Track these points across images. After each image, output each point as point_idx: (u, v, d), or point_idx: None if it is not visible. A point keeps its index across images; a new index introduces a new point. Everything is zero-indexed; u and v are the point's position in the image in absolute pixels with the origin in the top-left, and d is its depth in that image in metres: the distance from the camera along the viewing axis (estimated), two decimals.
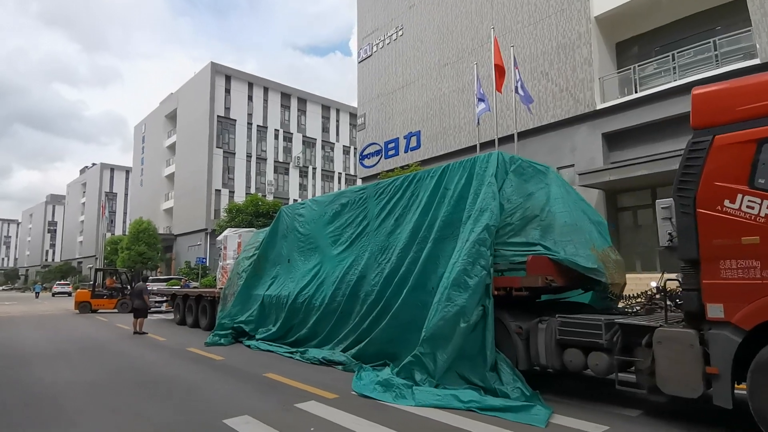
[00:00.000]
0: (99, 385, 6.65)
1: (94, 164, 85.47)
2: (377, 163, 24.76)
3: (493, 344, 5.52)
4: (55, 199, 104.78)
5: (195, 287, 32.60)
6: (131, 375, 7.37)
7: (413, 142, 22.72)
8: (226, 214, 27.39)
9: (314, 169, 55.30)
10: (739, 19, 14.19)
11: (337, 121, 58.57)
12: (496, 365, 5.50)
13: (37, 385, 6.80)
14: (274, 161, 51.80)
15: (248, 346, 9.90)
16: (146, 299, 12.65)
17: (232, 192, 48.04)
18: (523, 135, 17.68)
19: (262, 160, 50.90)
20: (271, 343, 9.66)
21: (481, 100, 15.89)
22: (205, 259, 29.22)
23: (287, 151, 53.29)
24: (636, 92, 15.15)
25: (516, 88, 13.95)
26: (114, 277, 22.90)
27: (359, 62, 26.86)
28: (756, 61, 12.67)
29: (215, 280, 35.88)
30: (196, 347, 10.10)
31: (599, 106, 15.89)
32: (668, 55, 14.74)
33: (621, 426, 4.60)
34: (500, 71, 15.08)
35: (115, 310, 20.79)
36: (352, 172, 59.03)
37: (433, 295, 6.17)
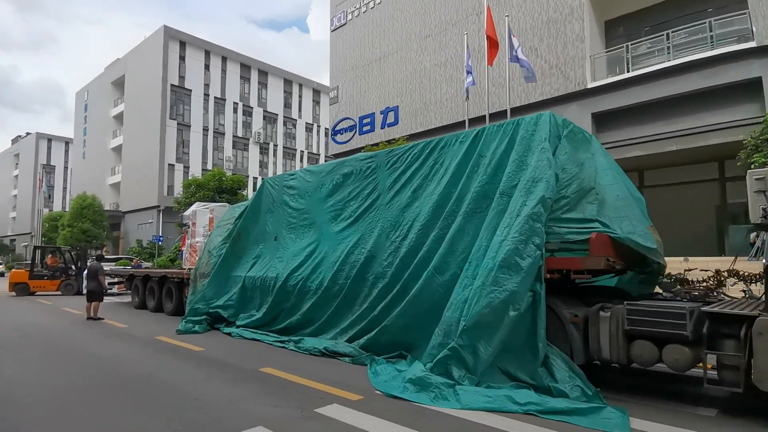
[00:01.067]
0: (62, 388, 5.38)
1: (28, 134, 78.38)
2: (351, 139, 23.58)
3: (544, 335, 4.77)
4: None
5: (146, 267, 30.41)
6: (100, 374, 6.10)
7: (390, 118, 21.68)
8: (183, 190, 25.37)
9: (275, 146, 53.01)
10: (730, 1, 14.06)
11: (300, 96, 56.28)
12: (547, 359, 4.77)
13: None
14: (233, 136, 49.14)
15: (228, 334, 8.76)
16: (102, 280, 11.11)
17: (186, 167, 45.15)
18: (511, 113, 17.07)
19: (219, 134, 48.12)
20: (255, 330, 8.57)
21: (469, 72, 15.05)
22: (162, 237, 27.04)
23: (247, 125, 50.66)
24: (628, 71, 14.81)
25: (515, 57, 13.17)
26: (56, 256, 20.63)
27: (332, 31, 25.31)
28: (752, 44, 12.54)
29: (174, 261, 33.67)
30: (167, 335, 8.84)
31: (590, 85, 15.48)
32: (662, 35, 14.44)
33: (707, 429, 3.99)
34: (492, 43, 14.28)
35: (58, 293, 18.77)
36: (314, 150, 57.26)
37: (458, 278, 5.38)
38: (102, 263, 11.56)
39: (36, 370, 6.32)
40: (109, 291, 18.72)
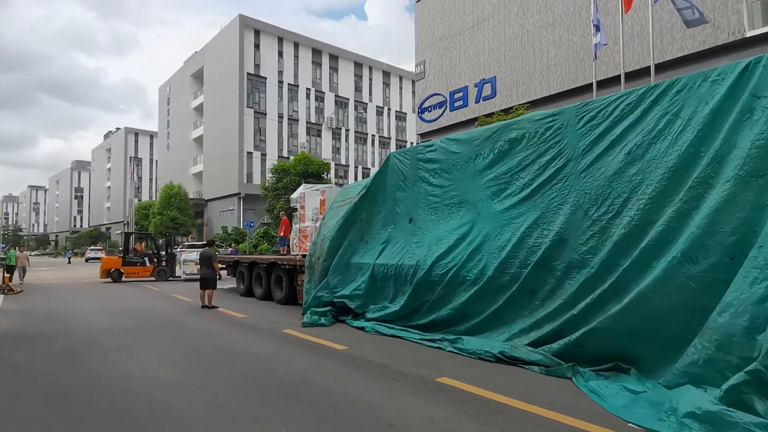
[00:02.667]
0: (220, 391, 4.55)
1: (118, 129, 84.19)
2: (440, 116, 22.06)
3: None
4: (80, 165, 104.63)
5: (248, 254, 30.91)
6: (249, 374, 5.25)
7: (487, 91, 19.89)
8: (271, 174, 25.16)
9: (347, 131, 52.60)
10: None
11: (370, 79, 55.33)
12: None
13: (125, 382, 4.78)
14: (306, 122, 49.25)
15: (361, 329, 7.75)
16: (216, 267, 10.60)
17: (263, 155, 45.90)
18: (632, 76, 14.75)
19: (293, 121, 48.39)
20: (391, 325, 7.49)
21: (597, 27, 12.96)
22: (252, 223, 27.25)
23: (319, 111, 50.59)
24: None
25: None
26: (144, 243, 20.92)
27: (417, 1, 23.72)
28: None
29: (257, 247, 34.16)
30: (293, 328, 8.00)
31: (749, 34, 12.84)
32: None
33: None
34: None
35: (151, 278, 19.03)
36: (385, 134, 56.30)
37: (721, 268, 3.86)
38: (214, 249, 11.04)
39: (180, 367, 5.60)
40: (192, 276, 19.10)
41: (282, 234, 15.62)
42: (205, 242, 40.70)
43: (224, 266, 14.90)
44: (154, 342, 7.16)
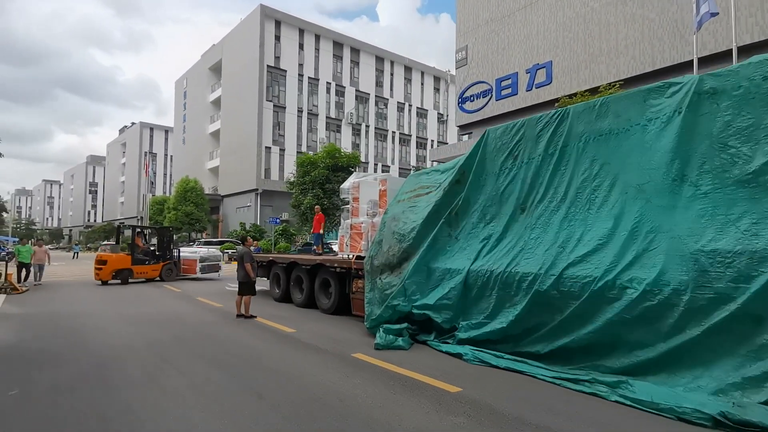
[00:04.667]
0: None
1: (133, 123, 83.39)
2: (485, 105, 20.19)
3: None
4: (95, 160, 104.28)
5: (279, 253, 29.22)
6: (334, 421, 3.47)
7: (541, 77, 17.98)
8: (297, 168, 23.44)
9: (367, 126, 50.85)
10: None
11: (392, 74, 53.56)
12: None
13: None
14: (326, 117, 47.60)
15: (457, 355, 5.92)
16: (250, 269, 8.84)
17: (282, 150, 44.37)
18: (739, 52, 12.77)
19: (313, 115, 46.79)
20: (499, 353, 5.67)
21: None
22: (279, 219, 25.49)
23: (339, 106, 48.95)
24: None
25: None
26: (143, 237, 17.52)
27: None
28: None
29: (276, 245, 32.51)
30: (364, 351, 6.22)
31: None
32: None
33: None
34: None
35: (157, 278, 16.60)
36: (406, 131, 54.49)
37: None
38: (250, 246, 9.27)
39: (241, 418, 3.80)
40: (208, 275, 17.46)
41: (314, 230, 13.89)
42: (221, 239, 39.37)
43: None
44: (192, 369, 5.40)
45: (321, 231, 13.55)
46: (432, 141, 57.11)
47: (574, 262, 5.11)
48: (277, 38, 44.27)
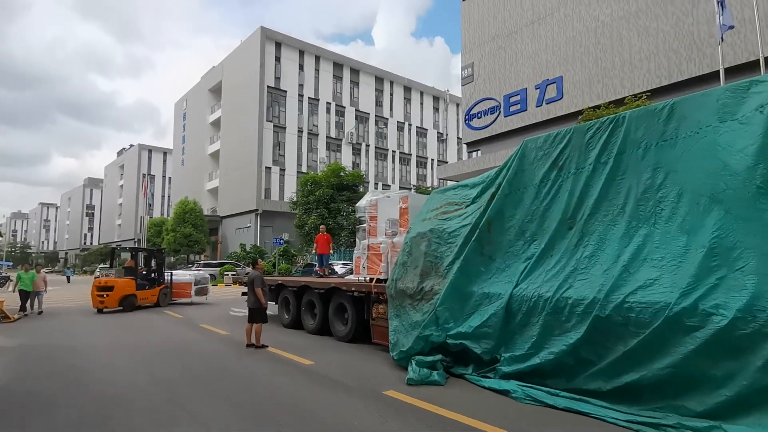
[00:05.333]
0: None
1: (132, 146, 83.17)
2: (492, 122, 19.84)
3: None
4: (92, 183, 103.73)
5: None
6: None
7: (551, 92, 17.67)
8: (300, 188, 22.90)
9: (367, 146, 50.66)
10: None
11: (391, 94, 53.68)
12: None
13: None
14: (326, 137, 47.38)
15: (503, 392, 5.27)
16: (261, 295, 8.19)
17: (282, 170, 43.96)
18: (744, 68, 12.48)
19: (313, 135, 46.56)
20: (553, 389, 5.04)
21: (721, 5, 10.71)
22: (282, 240, 24.79)
23: (339, 126, 48.80)
24: None
25: None
26: (140, 260, 15.95)
27: (463, 0, 21.78)
28: None
29: (276, 266, 31.74)
30: (396, 387, 5.56)
31: None
32: None
33: None
34: None
35: (149, 304, 15.36)
36: (405, 150, 54.33)
37: None
38: (259, 269, 8.63)
39: None
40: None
41: (319, 251, 13.22)
42: (221, 260, 38.55)
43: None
44: (207, 413, 4.73)
45: (329, 252, 12.90)
46: (432, 160, 56.96)
47: (643, 285, 4.51)
48: (278, 59, 44.36)
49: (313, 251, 13.84)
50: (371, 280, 8.59)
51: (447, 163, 58.60)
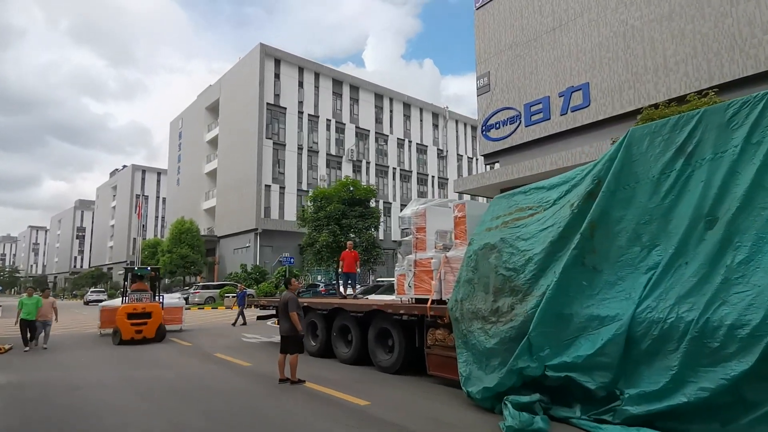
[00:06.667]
0: None
1: (125, 166, 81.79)
2: (512, 132, 18.95)
3: None
4: (83, 205, 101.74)
5: (250, 295, 26.64)
6: None
7: (576, 100, 16.85)
8: (310, 203, 21.73)
9: (368, 163, 49.78)
10: None
11: (391, 111, 53.16)
12: None
13: None
14: (327, 154, 46.48)
15: None
16: (297, 320, 6.96)
17: (282, 188, 42.85)
18: None
19: (313, 152, 45.64)
20: None
21: None
22: (292, 258, 23.44)
23: (339, 143, 47.95)
24: None
25: None
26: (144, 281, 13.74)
27: (477, 8, 21.16)
28: None
29: (278, 287, 30.34)
30: None
31: None
32: None
33: None
34: None
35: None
36: (406, 167, 53.53)
37: None
38: (294, 291, 7.40)
39: None
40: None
41: (346, 269, 12.00)
42: (219, 282, 36.98)
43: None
44: None
45: (356, 270, 11.72)
46: (433, 177, 56.19)
47: None
48: (277, 76, 43.72)
49: (339, 269, 12.59)
50: (417, 301, 7.42)
51: (447, 179, 57.98)
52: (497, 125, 19.58)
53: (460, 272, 6.49)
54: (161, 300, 13.55)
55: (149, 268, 14.04)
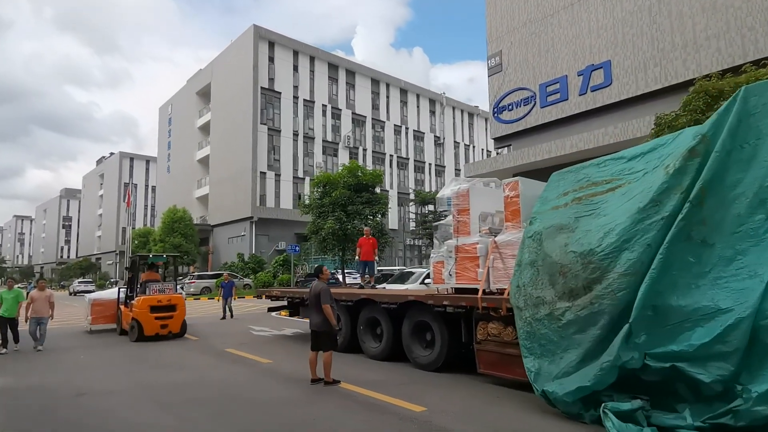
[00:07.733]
0: None
1: (112, 154, 79.67)
2: (527, 114, 18.14)
3: None
4: (69, 194, 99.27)
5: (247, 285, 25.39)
6: None
7: (597, 78, 16.06)
8: (315, 190, 20.79)
9: (364, 150, 48.70)
10: None
11: (388, 97, 51.98)
12: None
13: None
14: (323, 140, 45.31)
15: None
16: (330, 313, 6.14)
17: (278, 175, 41.70)
18: None
19: (309, 139, 44.43)
20: None
21: None
22: (297, 247, 22.51)
23: (335, 129, 46.76)
24: None
25: None
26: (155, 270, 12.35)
27: None
28: None
29: (276, 276, 29.47)
30: None
31: None
32: None
33: None
34: None
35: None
36: (403, 154, 52.55)
37: None
38: (324, 280, 6.56)
39: None
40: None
41: (363, 257, 11.20)
42: (214, 272, 35.97)
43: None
44: None
45: (374, 258, 10.92)
46: (430, 164, 55.32)
47: None
48: (271, 59, 42.29)
49: (356, 257, 11.77)
50: (457, 291, 6.64)
51: (444, 167, 57.18)
52: (510, 107, 18.75)
53: (521, 255, 5.70)
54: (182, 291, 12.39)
55: (165, 256, 12.94)
